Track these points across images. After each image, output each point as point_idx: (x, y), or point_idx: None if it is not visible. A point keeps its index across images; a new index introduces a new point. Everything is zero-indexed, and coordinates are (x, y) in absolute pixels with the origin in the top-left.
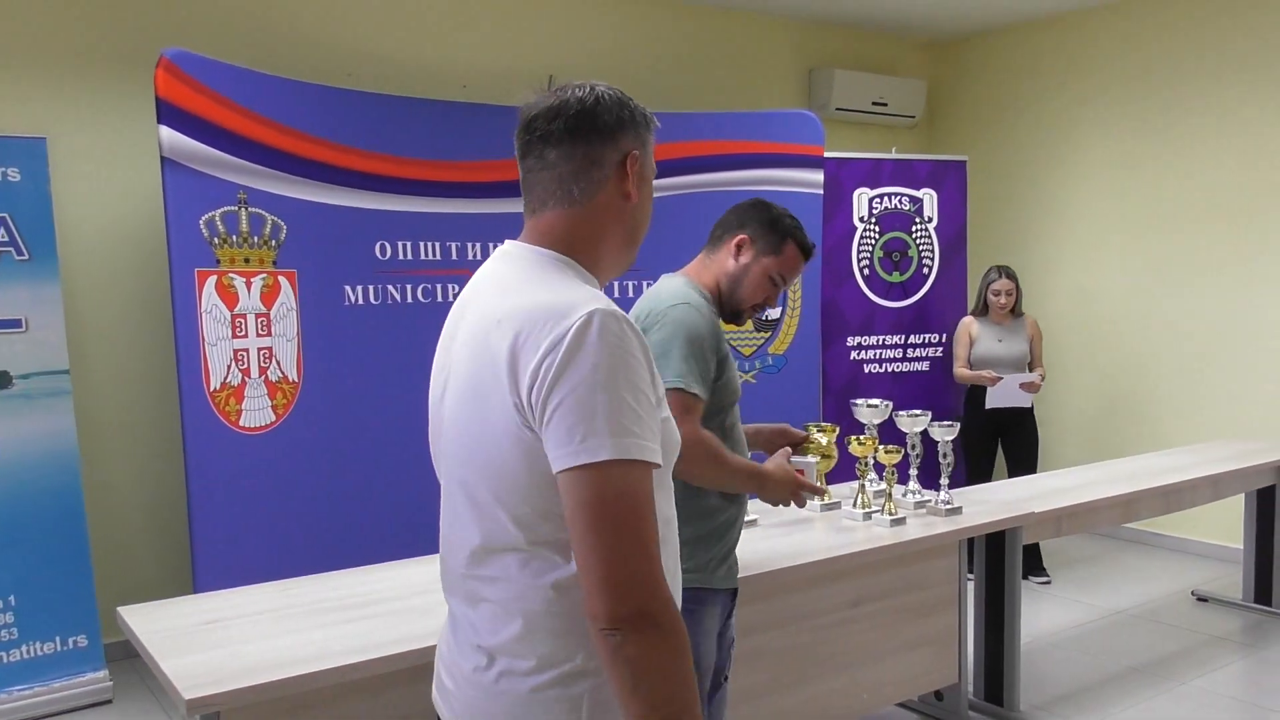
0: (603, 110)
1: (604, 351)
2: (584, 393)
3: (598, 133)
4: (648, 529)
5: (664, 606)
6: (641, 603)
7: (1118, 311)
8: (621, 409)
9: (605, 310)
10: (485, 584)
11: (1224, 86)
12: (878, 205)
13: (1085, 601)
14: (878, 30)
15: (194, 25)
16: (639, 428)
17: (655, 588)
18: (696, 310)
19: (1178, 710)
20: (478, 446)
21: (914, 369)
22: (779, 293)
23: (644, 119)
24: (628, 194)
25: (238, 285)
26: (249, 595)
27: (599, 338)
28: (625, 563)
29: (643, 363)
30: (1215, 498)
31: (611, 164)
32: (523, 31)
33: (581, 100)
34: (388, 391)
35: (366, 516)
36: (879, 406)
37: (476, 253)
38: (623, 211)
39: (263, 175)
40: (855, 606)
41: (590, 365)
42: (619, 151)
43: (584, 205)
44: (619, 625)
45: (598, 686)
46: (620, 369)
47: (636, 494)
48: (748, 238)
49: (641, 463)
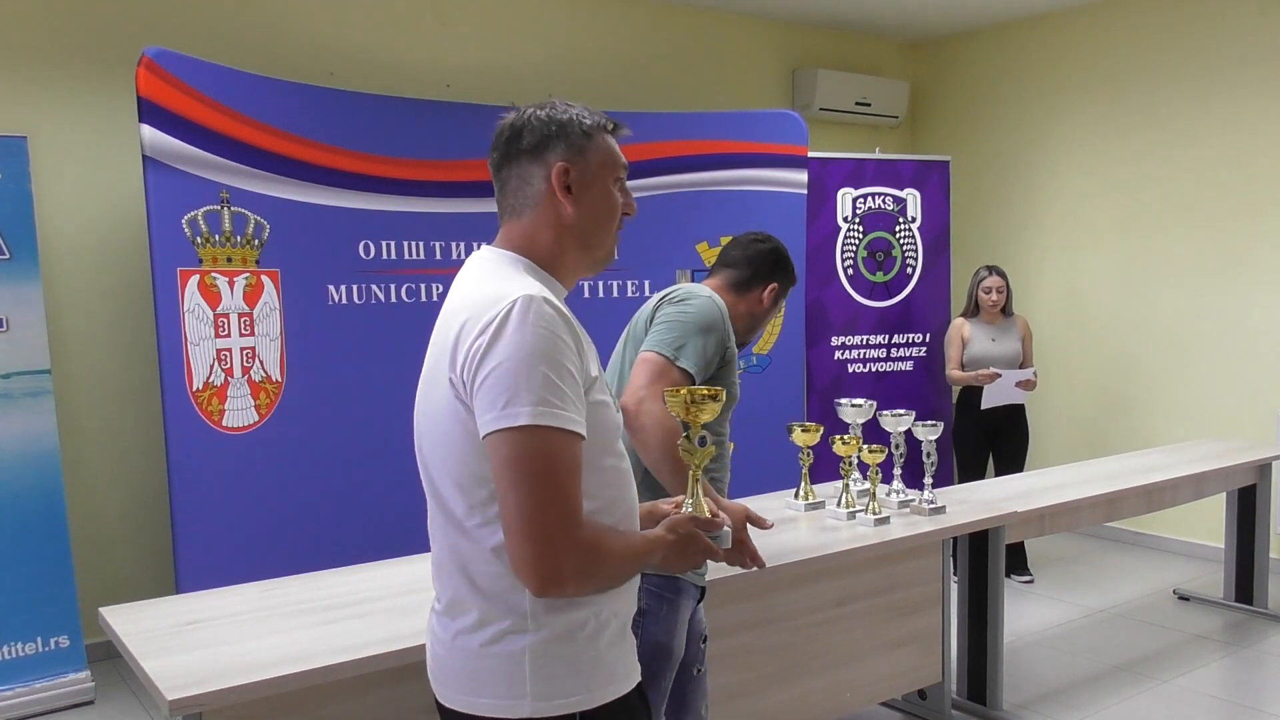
0: (527, 131)
1: (529, 330)
2: (509, 366)
3: (523, 153)
4: (565, 487)
5: (577, 564)
6: (555, 554)
7: (1102, 311)
8: (542, 382)
9: (535, 295)
10: (442, 549)
11: (1207, 86)
12: (861, 205)
13: (1068, 600)
14: (861, 31)
15: (176, 24)
16: (559, 399)
17: (572, 542)
18: (721, 313)
19: (1159, 708)
20: (429, 421)
21: (898, 369)
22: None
23: (582, 131)
24: (568, 204)
25: (220, 285)
26: (232, 595)
27: (523, 318)
28: (541, 512)
29: (570, 345)
30: (1197, 497)
31: (539, 179)
32: (506, 31)
33: (512, 124)
34: (371, 391)
35: (350, 517)
36: (863, 406)
37: (460, 252)
38: (563, 220)
39: (245, 174)
40: (839, 606)
41: (515, 342)
42: (545, 167)
43: (528, 217)
44: (541, 586)
45: (536, 645)
46: (543, 346)
47: (555, 456)
48: (778, 287)
49: (561, 430)
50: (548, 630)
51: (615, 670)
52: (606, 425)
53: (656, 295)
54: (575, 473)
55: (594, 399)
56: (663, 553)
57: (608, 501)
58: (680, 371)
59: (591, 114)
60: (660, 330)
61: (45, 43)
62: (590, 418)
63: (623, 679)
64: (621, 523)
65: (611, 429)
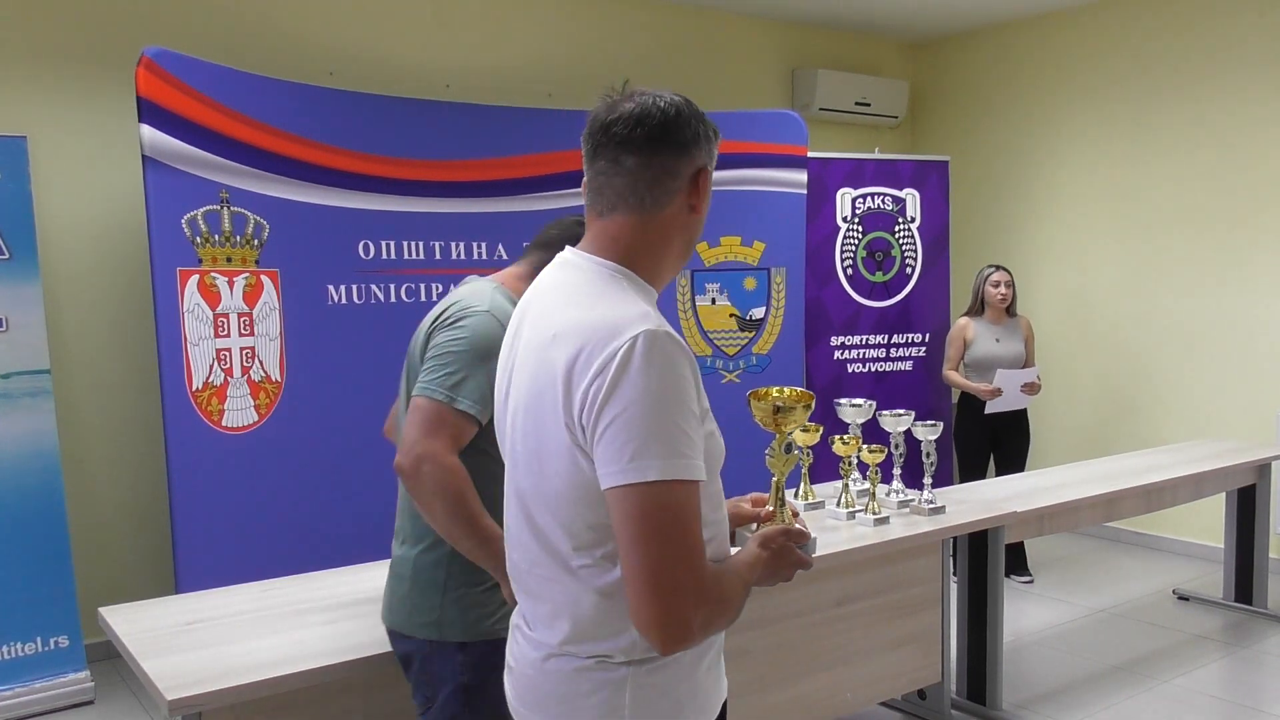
0: (683, 124)
1: (653, 373)
2: (634, 414)
3: (677, 145)
4: (692, 539)
5: (704, 616)
6: (682, 611)
7: (1102, 311)
8: (670, 430)
9: (655, 331)
10: (541, 583)
11: (1207, 86)
12: (861, 205)
13: (1067, 600)
14: (861, 31)
15: (175, 24)
16: (687, 448)
17: (699, 596)
18: (500, 322)
19: (1159, 708)
20: (534, 458)
21: (897, 368)
22: None
23: (714, 134)
24: (694, 206)
25: (220, 285)
26: (231, 595)
27: (646, 359)
28: (671, 570)
29: (689, 380)
30: (1196, 497)
31: (685, 176)
32: (506, 31)
33: (664, 111)
34: (371, 391)
35: (349, 516)
36: (862, 406)
37: (460, 252)
38: (687, 222)
39: (245, 174)
40: (839, 606)
41: (641, 387)
42: (693, 166)
43: (653, 213)
44: (669, 645)
45: (639, 674)
46: (670, 391)
47: (682, 508)
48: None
49: (687, 481)
50: (653, 661)
51: (710, 697)
52: (715, 454)
53: (433, 311)
54: (698, 520)
55: (707, 429)
56: (761, 570)
57: (717, 526)
58: (460, 415)
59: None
60: (432, 366)
61: (45, 43)
62: (705, 449)
63: (715, 704)
64: (720, 541)
65: (719, 456)
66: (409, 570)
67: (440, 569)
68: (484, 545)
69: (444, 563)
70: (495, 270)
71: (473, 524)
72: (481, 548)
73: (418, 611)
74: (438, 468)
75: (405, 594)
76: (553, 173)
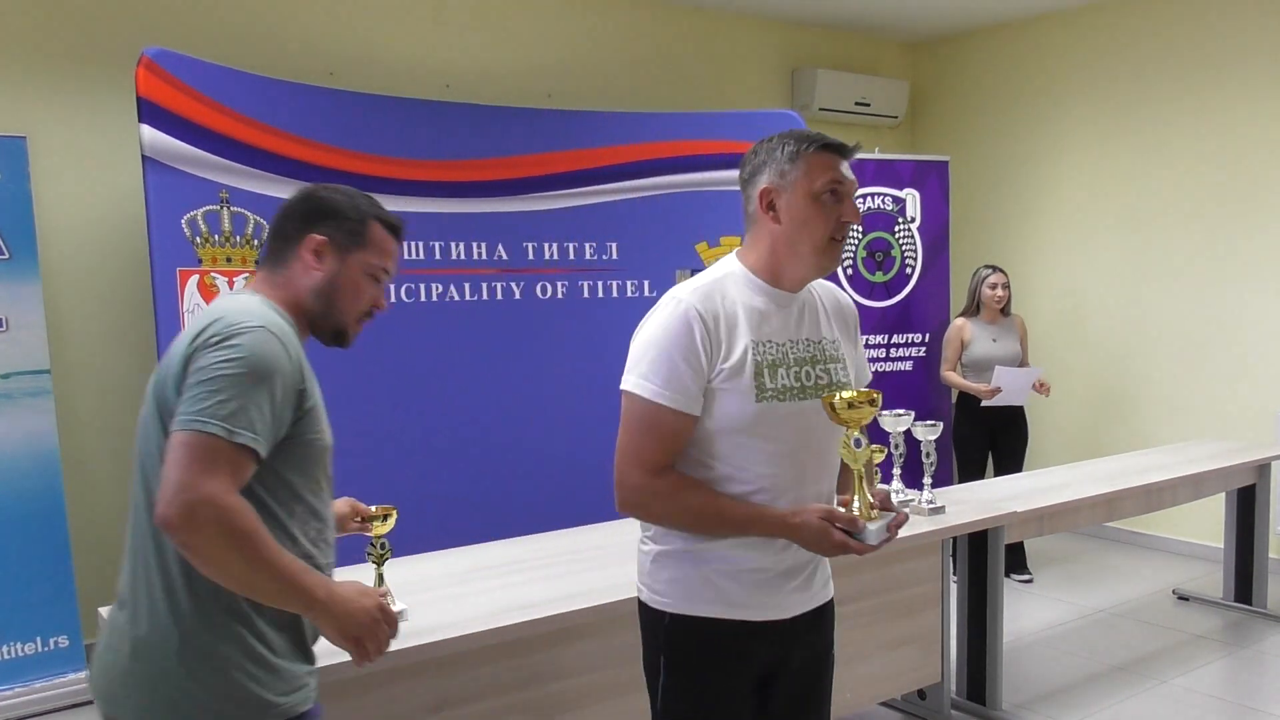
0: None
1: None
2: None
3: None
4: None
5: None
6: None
7: (1101, 310)
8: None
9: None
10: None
11: (1206, 86)
12: (860, 205)
13: (1067, 600)
14: (861, 31)
15: (175, 24)
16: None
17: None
18: (280, 340)
19: (1159, 709)
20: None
21: (897, 368)
22: (384, 290)
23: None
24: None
25: (220, 285)
26: None
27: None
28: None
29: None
30: (1196, 497)
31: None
32: (506, 31)
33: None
34: (369, 391)
35: None
36: None
37: (460, 252)
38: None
39: (245, 174)
40: (838, 606)
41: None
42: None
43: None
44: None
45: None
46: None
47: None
48: (325, 238)
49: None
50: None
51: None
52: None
53: (188, 332)
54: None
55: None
56: (781, 532)
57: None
58: (237, 450)
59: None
60: (198, 394)
61: (45, 43)
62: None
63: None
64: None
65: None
66: (161, 656)
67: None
68: (291, 585)
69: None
70: (498, 271)
71: (276, 565)
72: (290, 589)
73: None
74: (219, 510)
75: (139, 683)
76: (552, 172)
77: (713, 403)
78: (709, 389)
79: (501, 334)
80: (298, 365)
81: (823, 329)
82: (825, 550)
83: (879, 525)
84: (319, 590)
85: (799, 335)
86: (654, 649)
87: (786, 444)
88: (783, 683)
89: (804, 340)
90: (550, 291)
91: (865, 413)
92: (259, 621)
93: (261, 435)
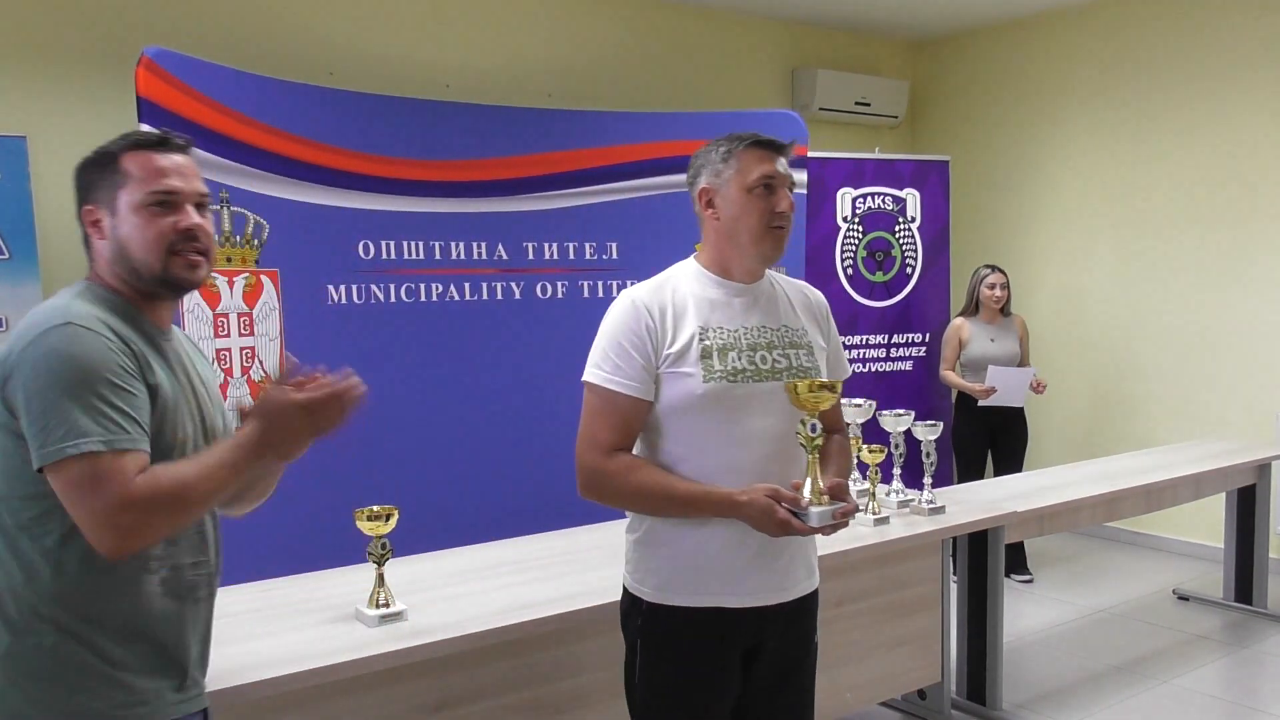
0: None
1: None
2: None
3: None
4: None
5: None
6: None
7: (1102, 310)
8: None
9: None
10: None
11: (1206, 86)
12: (861, 205)
13: (1067, 600)
14: (861, 30)
15: (175, 23)
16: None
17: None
18: (86, 328)
19: (1159, 708)
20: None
21: (898, 368)
22: (182, 208)
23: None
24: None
25: (220, 285)
26: (229, 595)
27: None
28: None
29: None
30: (1196, 497)
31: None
32: (506, 30)
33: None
34: (370, 392)
35: (348, 516)
36: (863, 406)
37: (460, 252)
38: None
39: (245, 174)
40: (838, 606)
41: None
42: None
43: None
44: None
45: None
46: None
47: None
48: (93, 205)
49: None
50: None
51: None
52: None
53: (4, 346)
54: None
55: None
56: (730, 512)
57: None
58: (115, 454)
59: None
60: (37, 421)
61: (44, 43)
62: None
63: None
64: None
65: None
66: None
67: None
68: (231, 468)
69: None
70: (498, 271)
71: (208, 479)
72: (232, 471)
73: None
74: (134, 504)
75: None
76: (552, 172)
77: (664, 387)
78: (660, 375)
79: (501, 334)
80: (118, 345)
81: (783, 317)
82: (769, 529)
83: (824, 510)
84: (246, 443)
85: (752, 322)
86: (632, 632)
87: (742, 426)
88: (764, 664)
89: (758, 327)
90: (550, 291)
91: (825, 398)
92: (97, 636)
93: (101, 437)
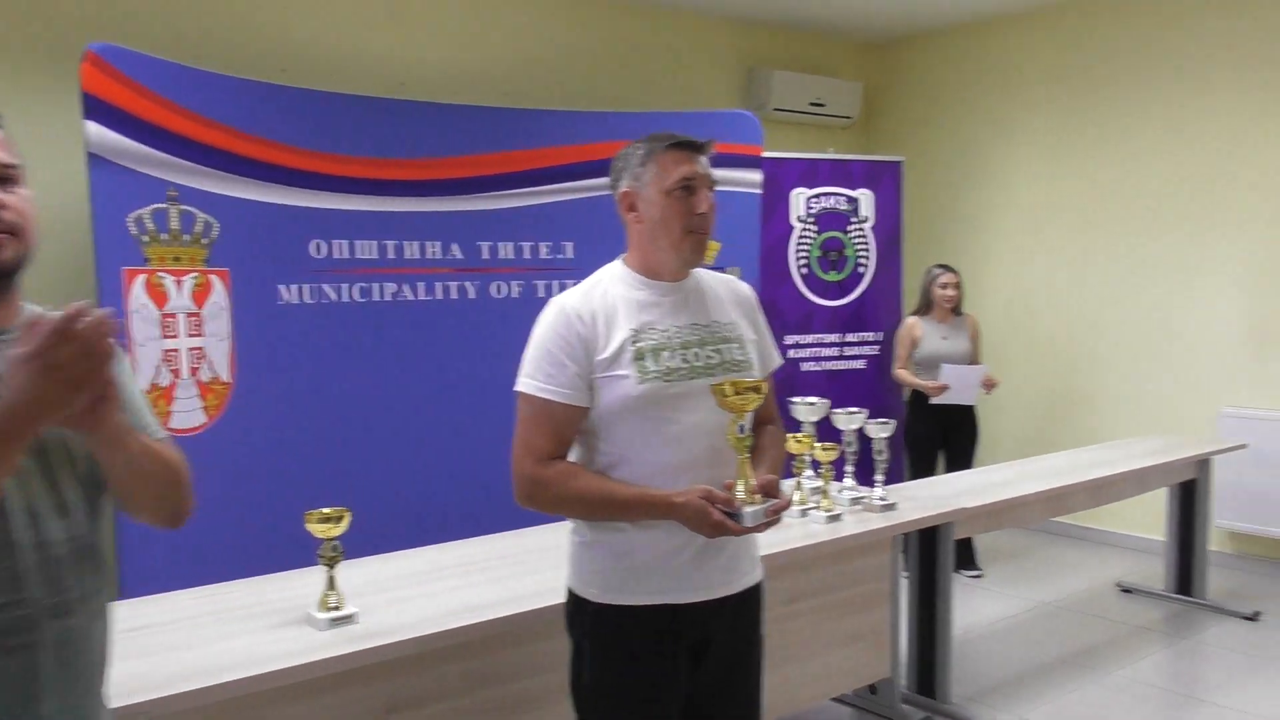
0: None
1: None
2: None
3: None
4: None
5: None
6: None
7: (1050, 310)
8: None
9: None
10: None
11: (1157, 89)
12: (815, 205)
13: (1015, 594)
14: (816, 32)
15: (122, 18)
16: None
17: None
18: None
19: (1104, 698)
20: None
21: (850, 367)
22: None
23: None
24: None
25: (168, 284)
26: (177, 600)
27: None
28: None
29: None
30: (1140, 491)
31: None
32: (462, 29)
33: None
34: (323, 392)
35: (298, 520)
36: (816, 405)
37: (414, 251)
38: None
39: (194, 172)
40: (791, 603)
41: None
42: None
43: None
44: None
45: None
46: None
47: None
48: None
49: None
50: None
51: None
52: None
53: None
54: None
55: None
56: (666, 514)
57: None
58: None
59: None
60: None
61: None
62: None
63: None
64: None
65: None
66: None
67: None
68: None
69: None
70: (452, 270)
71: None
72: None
73: None
74: None
75: None
76: (507, 171)
77: (600, 392)
78: (595, 380)
79: (456, 334)
80: None
81: (713, 312)
82: (705, 530)
83: (756, 509)
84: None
85: (683, 320)
86: (579, 632)
87: (679, 424)
88: (712, 659)
89: (689, 324)
90: (505, 291)
91: (750, 400)
92: None
93: None
